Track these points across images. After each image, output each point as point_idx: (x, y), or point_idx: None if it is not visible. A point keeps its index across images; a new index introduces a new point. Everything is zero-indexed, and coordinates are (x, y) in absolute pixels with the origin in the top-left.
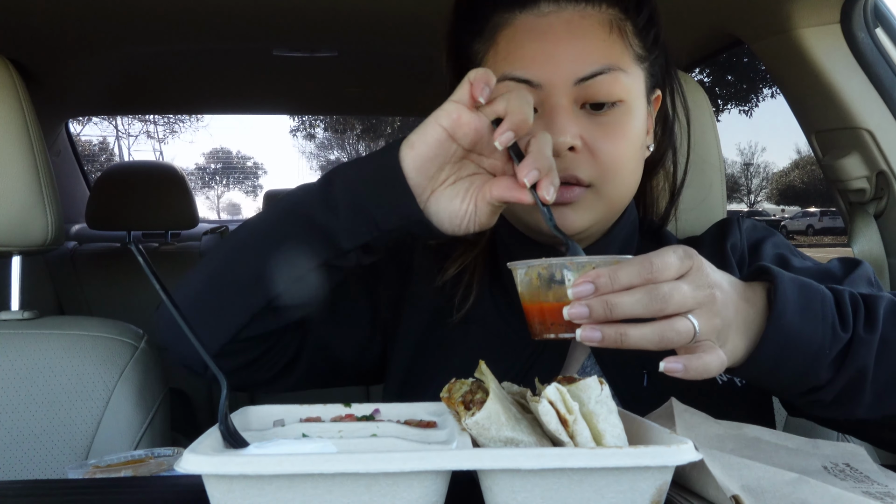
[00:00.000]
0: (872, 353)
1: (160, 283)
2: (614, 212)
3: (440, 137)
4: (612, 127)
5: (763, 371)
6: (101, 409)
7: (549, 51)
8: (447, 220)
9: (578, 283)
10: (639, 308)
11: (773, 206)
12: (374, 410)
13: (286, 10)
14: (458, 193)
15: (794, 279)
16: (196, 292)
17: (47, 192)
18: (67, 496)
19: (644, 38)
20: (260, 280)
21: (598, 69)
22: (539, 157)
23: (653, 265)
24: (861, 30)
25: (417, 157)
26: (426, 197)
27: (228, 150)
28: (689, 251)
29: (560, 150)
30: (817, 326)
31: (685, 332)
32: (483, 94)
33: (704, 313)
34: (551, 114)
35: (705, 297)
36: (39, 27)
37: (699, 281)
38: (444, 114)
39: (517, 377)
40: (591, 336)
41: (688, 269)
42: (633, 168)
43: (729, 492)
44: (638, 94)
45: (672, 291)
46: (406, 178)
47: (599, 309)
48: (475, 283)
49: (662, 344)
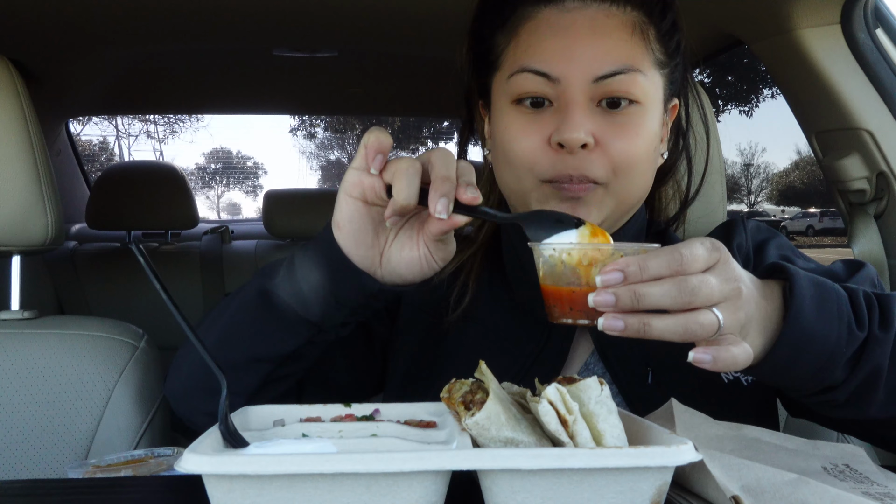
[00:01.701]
0: (888, 352)
1: (160, 283)
2: (624, 211)
3: (356, 208)
4: (626, 126)
5: (778, 370)
6: (100, 409)
7: (570, 46)
8: (407, 271)
9: (607, 270)
10: (666, 300)
11: (774, 206)
12: (374, 410)
13: (286, 9)
14: (405, 244)
15: (809, 277)
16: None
17: (47, 192)
18: (67, 496)
19: (666, 44)
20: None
21: (617, 69)
22: (440, 185)
23: (683, 257)
24: (861, 30)
25: (349, 236)
26: (378, 262)
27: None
28: (717, 243)
29: (572, 146)
30: (833, 325)
31: (709, 325)
32: (376, 165)
33: (729, 307)
34: (566, 109)
35: (731, 290)
36: (39, 27)
37: (726, 274)
38: (348, 185)
39: (518, 375)
40: (613, 325)
41: (715, 261)
42: (644, 169)
43: (729, 492)
44: (655, 98)
45: (701, 285)
46: (350, 259)
47: (626, 298)
48: (472, 282)
49: (686, 336)
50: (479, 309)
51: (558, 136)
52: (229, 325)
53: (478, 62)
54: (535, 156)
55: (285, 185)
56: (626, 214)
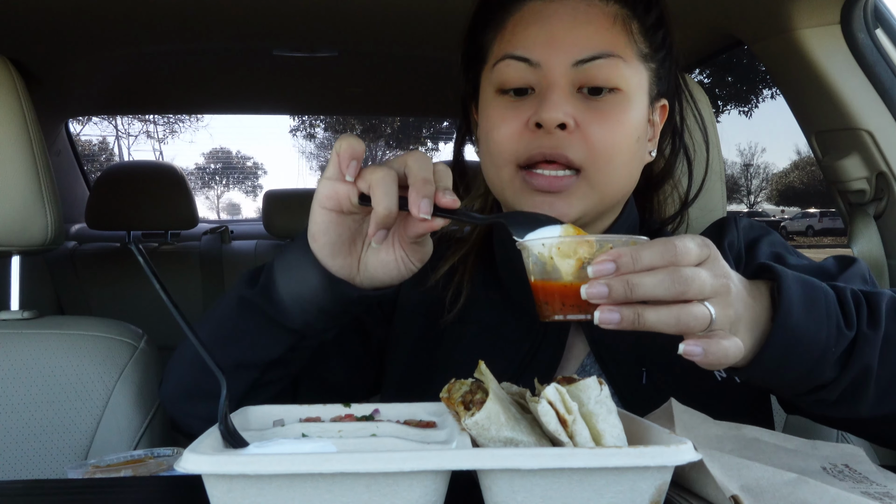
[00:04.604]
0: (877, 350)
1: (160, 283)
2: (606, 204)
3: (331, 219)
4: (607, 113)
5: (768, 371)
6: (100, 409)
7: (551, 32)
8: (384, 274)
9: (599, 261)
10: (660, 290)
11: (773, 206)
12: (373, 410)
13: (286, 10)
14: (382, 248)
15: (797, 277)
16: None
17: (47, 192)
18: (67, 496)
19: (651, 38)
20: (237, 368)
21: (596, 53)
22: (420, 187)
23: (676, 248)
24: (861, 31)
25: (325, 247)
26: (356, 269)
27: (228, 150)
28: (706, 240)
29: (550, 125)
30: (822, 325)
31: (702, 317)
32: (350, 173)
33: (720, 302)
34: (546, 92)
35: (721, 286)
36: (39, 27)
37: (716, 270)
38: (322, 196)
39: (514, 375)
40: (609, 318)
41: (706, 257)
42: (626, 159)
43: (728, 492)
44: (638, 87)
45: (694, 276)
46: (328, 269)
47: (620, 289)
48: (466, 282)
49: (678, 328)
50: (474, 309)
51: (536, 116)
52: (214, 332)
53: (470, 62)
54: (512, 140)
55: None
56: (609, 211)
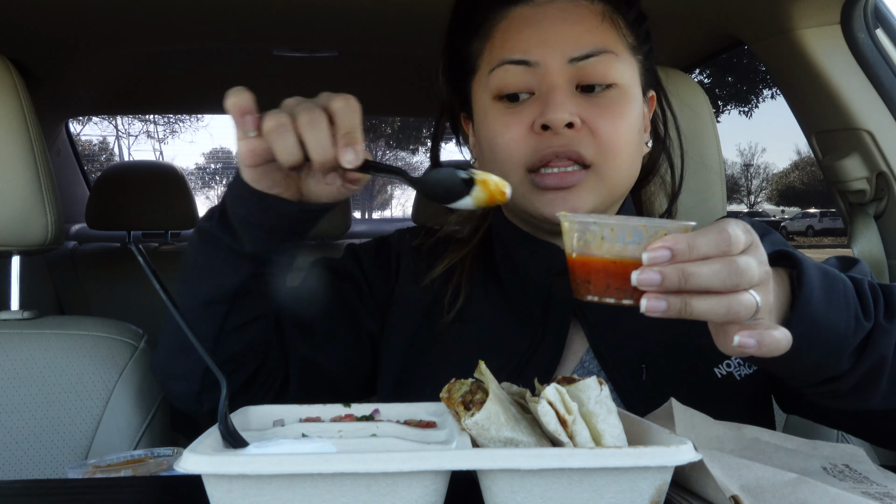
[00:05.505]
0: (892, 342)
1: (160, 283)
2: (614, 197)
3: (259, 173)
4: (609, 108)
5: (785, 358)
6: (100, 409)
7: (545, 32)
8: (325, 196)
9: (655, 247)
10: (716, 281)
11: (773, 206)
12: (373, 410)
13: (286, 10)
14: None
15: (816, 265)
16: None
17: (47, 192)
18: (67, 496)
19: (636, 31)
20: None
21: (591, 50)
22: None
23: (731, 237)
24: (861, 31)
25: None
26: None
27: (228, 150)
28: (748, 226)
29: (557, 126)
30: (842, 314)
31: (750, 306)
32: (251, 127)
33: (763, 290)
34: (548, 93)
35: (765, 273)
36: (39, 27)
37: (760, 257)
38: (242, 157)
39: (513, 374)
40: (655, 306)
41: (750, 243)
42: (632, 151)
43: (728, 492)
44: (633, 80)
45: (747, 267)
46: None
47: (674, 277)
48: (465, 282)
49: (728, 317)
50: (472, 309)
51: (542, 119)
52: (185, 272)
53: (456, 74)
54: (518, 144)
55: None
56: (615, 203)
